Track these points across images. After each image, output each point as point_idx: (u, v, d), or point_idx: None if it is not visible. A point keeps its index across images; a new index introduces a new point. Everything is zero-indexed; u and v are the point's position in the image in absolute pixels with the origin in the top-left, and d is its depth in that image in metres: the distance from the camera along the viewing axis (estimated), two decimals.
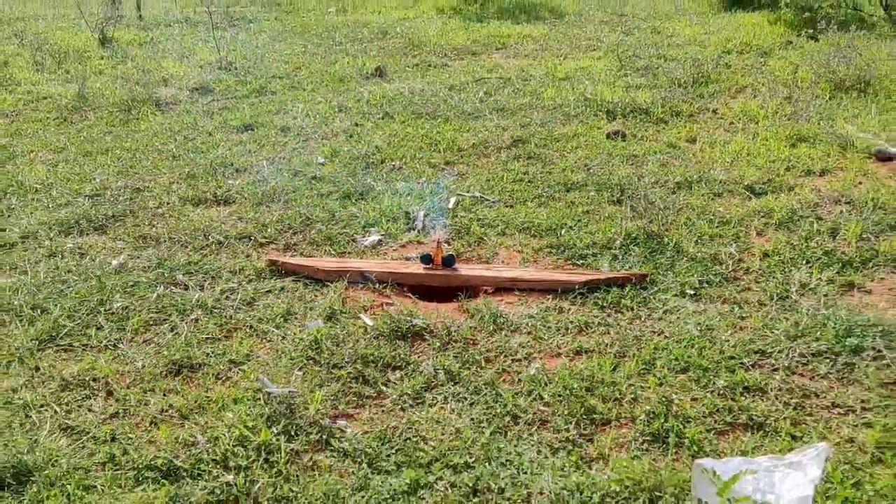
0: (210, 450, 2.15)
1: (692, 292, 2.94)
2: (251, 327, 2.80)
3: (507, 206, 3.82)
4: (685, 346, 2.58)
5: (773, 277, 3.01)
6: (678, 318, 2.77)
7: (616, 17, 9.56)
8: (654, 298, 2.90)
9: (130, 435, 2.23)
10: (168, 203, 3.98)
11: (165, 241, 3.52)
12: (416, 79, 6.56)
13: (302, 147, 4.86)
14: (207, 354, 2.63)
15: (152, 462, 2.12)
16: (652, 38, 7.78)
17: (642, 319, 2.79)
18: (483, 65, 6.98)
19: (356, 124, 5.31)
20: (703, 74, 6.02)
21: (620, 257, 3.22)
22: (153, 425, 2.29)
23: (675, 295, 2.92)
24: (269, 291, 3.06)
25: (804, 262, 3.11)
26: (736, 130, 4.84)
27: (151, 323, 2.85)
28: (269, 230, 3.60)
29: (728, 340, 2.61)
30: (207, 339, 2.73)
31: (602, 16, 9.65)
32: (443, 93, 5.99)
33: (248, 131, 5.25)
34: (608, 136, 4.81)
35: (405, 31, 8.78)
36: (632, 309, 2.85)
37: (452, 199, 3.88)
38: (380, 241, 3.49)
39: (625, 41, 7.67)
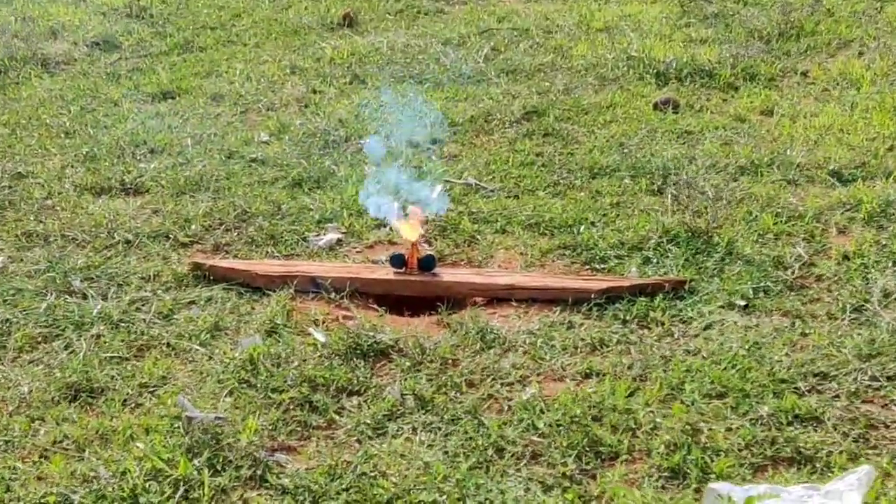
0: (116, 485, 2.53)
1: (743, 303, 3.32)
2: (168, 345, 3.21)
3: (509, 197, 4.24)
4: (725, 368, 2.96)
5: (851, 285, 3.40)
6: (720, 333, 3.16)
7: None
8: (692, 310, 3.29)
9: (15, 466, 2.63)
10: (60, 192, 4.42)
11: (57, 240, 3.95)
12: (399, 30, 7.04)
13: (240, 121, 5.31)
14: (112, 377, 3.03)
15: (43, 500, 2.50)
16: None
17: (674, 336, 3.17)
18: (492, 11, 7.45)
19: (314, 91, 5.78)
20: (795, 24, 6.47)
21: (655, 260, 3.62)
22: (43, 458, 2.68)
23: (721, 306, 3.31)
24: (192, 302, 3.47)
25: (892, 265, 3.50)
26: (829, 99, 5.26)
27: (40, 339, 3.26)
28: (193, 226, 4.03)
29: (781, 361, 2.99)
30: (112, 358, 3.14)
31: None
32: (434, 49, 6.46)
33: (167, 100, 5.72)
34: (655, 107, 5.23)
35: None
36: (661, 323, 3.24)
37: (438, 188, 4.29)
38: (339, 240, 3.90)
39: None
